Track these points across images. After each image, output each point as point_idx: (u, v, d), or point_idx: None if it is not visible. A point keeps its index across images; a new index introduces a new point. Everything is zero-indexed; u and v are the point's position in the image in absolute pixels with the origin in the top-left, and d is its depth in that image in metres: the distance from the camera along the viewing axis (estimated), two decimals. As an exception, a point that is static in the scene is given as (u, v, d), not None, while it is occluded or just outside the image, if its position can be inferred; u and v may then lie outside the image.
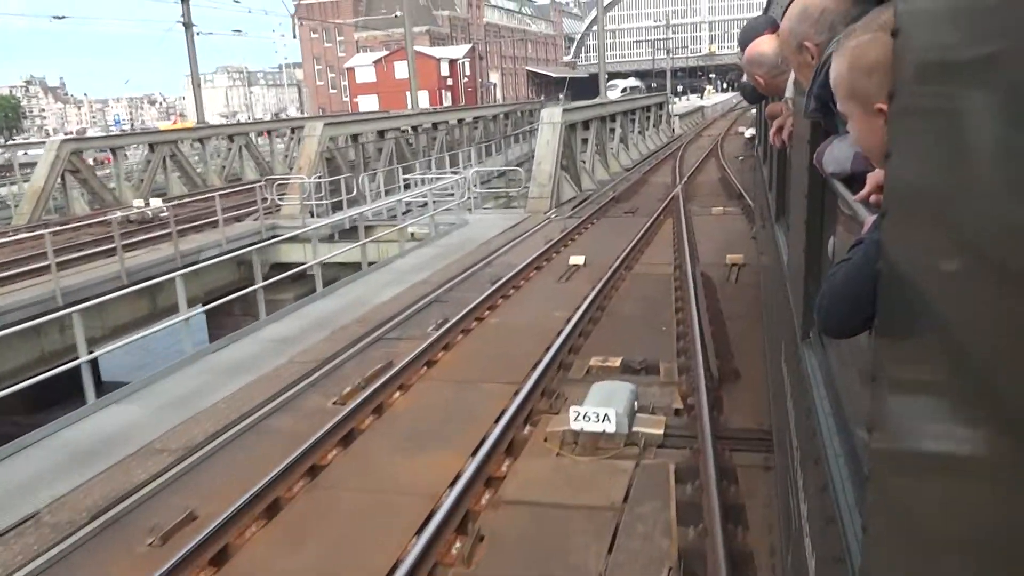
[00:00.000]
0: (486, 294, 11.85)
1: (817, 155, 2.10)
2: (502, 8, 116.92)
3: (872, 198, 1.56)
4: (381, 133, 27.73)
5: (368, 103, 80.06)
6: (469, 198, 20.92)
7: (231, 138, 34.21)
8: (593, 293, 11.44)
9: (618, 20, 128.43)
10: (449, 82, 78.44)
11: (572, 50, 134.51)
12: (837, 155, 1.96)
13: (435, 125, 32.61)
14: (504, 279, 12.78)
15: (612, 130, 30.31)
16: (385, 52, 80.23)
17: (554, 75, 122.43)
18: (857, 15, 1.75)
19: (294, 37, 64.18)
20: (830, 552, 1.79)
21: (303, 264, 15.70)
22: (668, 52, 78.64)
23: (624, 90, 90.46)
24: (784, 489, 3.46)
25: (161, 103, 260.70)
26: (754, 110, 61.42)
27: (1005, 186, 0.68)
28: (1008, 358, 0.67)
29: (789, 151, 3.53)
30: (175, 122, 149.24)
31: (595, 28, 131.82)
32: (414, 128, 30.95)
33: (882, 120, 1.34)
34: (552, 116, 21.62)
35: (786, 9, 2.40)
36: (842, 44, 1.53)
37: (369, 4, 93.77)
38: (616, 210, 20.24)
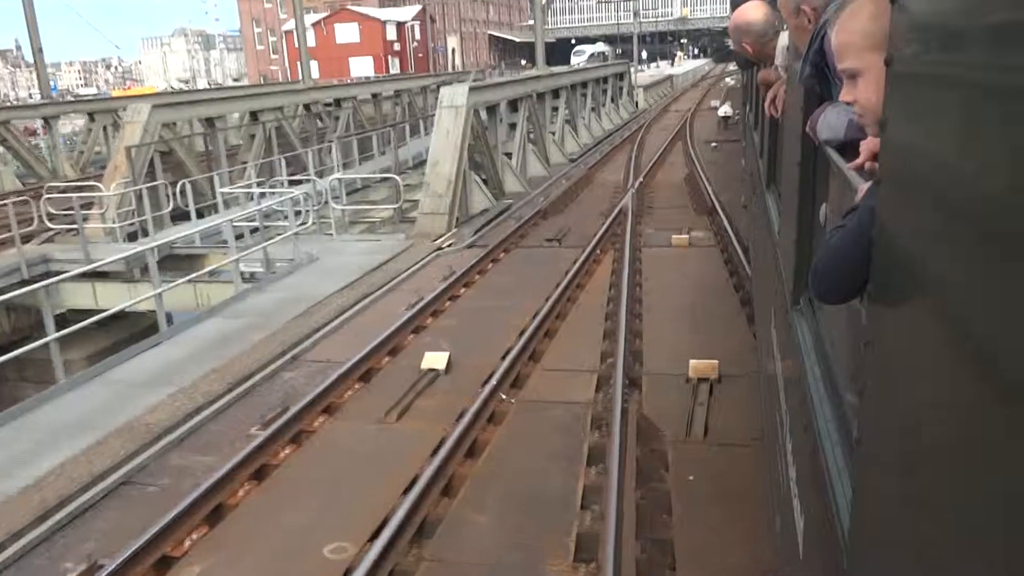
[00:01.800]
0: (229, 467, 6.03)
1: (811, 122, 2.05)
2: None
3: (867, 166, 1.54)
4: (254, 115, 21.48)
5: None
6: (312, 219, 14.82)
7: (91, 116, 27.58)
8: (430, 470, 5.72)
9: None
10: (397, 47, 71.42)
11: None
12: (831, 122, 1.93)
13: (338, 102, 26.31)
14: (289, 415, 6.96)
15: (555, 109, 24.27)
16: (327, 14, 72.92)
17: (518, 40, 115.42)
18: None
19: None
20: (819, 515, 1.83)
21: (97, 310, 10.30)
22: (635, 15, 72.10)
23: (591, 55, 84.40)
24: (772, 453, 3.42)
25: (116, 67, 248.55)
26: (729, 80, 54.44)
27: (1000, 156, 0.69)
28: (1001, 326, 0.68)
29: (781, 118, 3.37)
30: (128, 88, 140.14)
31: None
32: (307, 107, 24.66)
33: None
34: (454, 97, 15.58)
35: None
36: (844, 6, 1.53)
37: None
38: (538, 234, 14.33)
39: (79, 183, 17.95)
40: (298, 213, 13.65)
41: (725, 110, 29.40)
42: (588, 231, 13.77)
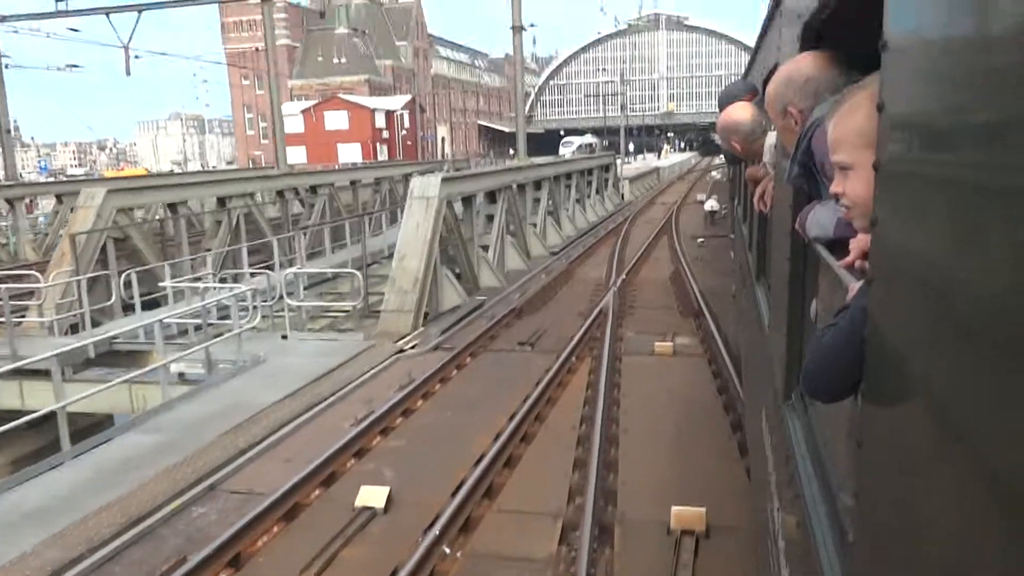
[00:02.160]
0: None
1: (800, 219, 2.12)
2: (452, 60, 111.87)
3: (856, 264, 1.56)
4: (222, 201, 20.59)
5: (296, 155, 73.03)
6: (265, 315, 13.68)
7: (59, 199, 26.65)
8: None
9: (575, 75, 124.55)
10: (386, 135, 71.87)
11: (527, 105, 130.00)
12: (820, 220, 1.96)
13: (314, 189, 25.57)
14: (183, 571, 5.67)
15: (537, 200, 23.56)
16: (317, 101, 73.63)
17: (507, 129, 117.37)
18: (843, 84, 1.82)
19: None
20: None
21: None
22: (622, 108, 73.16)
23: (579, 147, 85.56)
24: (764, 552, 3.25)
25: (111, 149, 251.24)
26: (715, 173, 55.24)
27: (992, 255, 0.71)
28: (995, 428, 0.69)
29: (769, 213, 3.41)
30: (122, 169, 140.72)
31: (551, 83, 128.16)
32: (280, 193, 23.86)
33: None
34: (425, 188, 14.71)
35: (770, 73, 2.63)
36: (841, 104, 1.56)
37: (305, 52, 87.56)
38: (511, 335, 13.22)
39: (17, 271, 16.80)
40: (253, 308, 12.50)
41: (711, 205, 28.88)
42: (565, 333, 12.69)
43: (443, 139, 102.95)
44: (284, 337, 12.84)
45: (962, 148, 0.80)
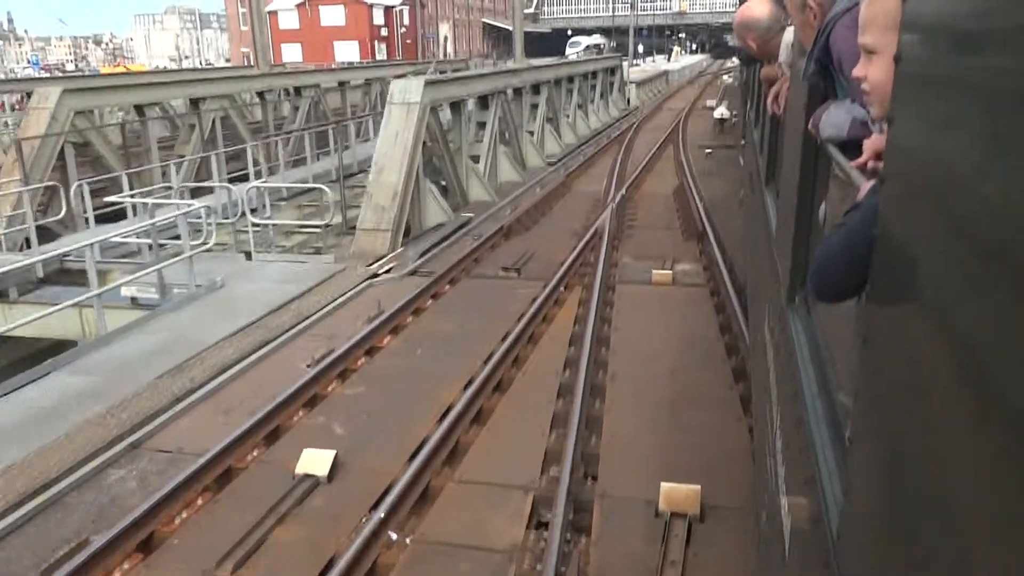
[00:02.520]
0: None
1: (813, 119, 2.05)
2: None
3: (870, 165, 1.54)
4: (195, 103, 19.13)
5: (291, 53, 70.06)
6: (228, 233, 12.54)
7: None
8: None
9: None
10: (384, 32, 68.74)
11: (534, 2, 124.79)
12: (834, 120, 1.91)
13: (297, 90, 23.95)
14: (82, 558, 4.79)
15: (535, 107, 21.99)
16: (312, -6, 70.15)
17: (511, 28, 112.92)
18: None
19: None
20: (808, 514, 1.83)
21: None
22: (632, 6, 69.63)
23: (587, 48, 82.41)
24: (761, 448, 3.37)
25: (108, 44, 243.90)
26: (726, 77, 53.99)
27: (1007, 162, 0.69)
28: (999, 331, 0.68)
29: (783, 115, 3.37)
30: (117, 65, 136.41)
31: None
32: (262, 95, 22.30)
33: None
34: (407, 92, 13.31)
35: None
36: None
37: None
38: (496, 258, 12.10)
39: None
40: (208, 227, 11.35)
41: (721, 112, 27.18)
42: (555, 257, 11.58)
43: (445, 38, 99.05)
44: (248, 258, 11.75)
45: (985, 51, 0.78)
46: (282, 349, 8.47)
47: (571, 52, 76.02)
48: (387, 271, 11.29)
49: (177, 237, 11.22)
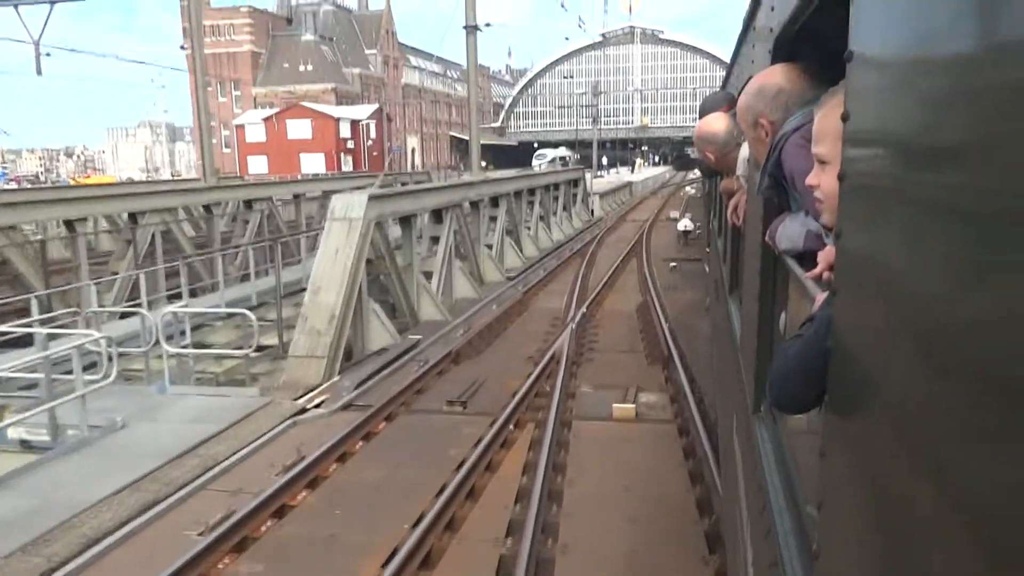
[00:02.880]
0: None
1: (770, 232, 2.11)
2: (424, 70, 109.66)
3: (824, 275, 1.57)
4: (133, 217, 18.12)
5: (258, 165, 70.29)
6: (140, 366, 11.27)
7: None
8: None
9: (548, 87, 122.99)
10: (350, 145, 69.34)
11: (501, 117, 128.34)
12: (790, 232, 1.96)
13: (248, 203, 23.12)
14: None
15: (494, 219, 21.33)
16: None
17: (480, 142, 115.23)
18: (813, 96, 1.80)
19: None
20: None
21: None
22: (594, 120, 71.33)
23: (552, 159, 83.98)
24: (733, 562, 3.39)
25: (79, 156, 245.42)
26: (689, 188, 54.63)
27: (950, 268, 0.73)
28: (957, 439, 0.69)
29: (742, 226, 3.45)
30: (88, 176, 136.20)
31: (525, 95, 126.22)
32: (208, 208, 21.39)
33: None
34: (349, 207, 12.43)
35: (744, 85, 2.47)
36: (830, 97, 1.53)
37: (270, 59, 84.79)
38: (442, 388, 10.92)
39: None
40: (109, 359, 10.05)
41: (685, 224, 26.81)
42: (507, 387, 10.45)
43: (413, 150, 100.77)
44: (162, 391, 10.44)
45: (924, 161, 0.82)
46: (173, 511, 7.11)
47: (537, 164, 77.21)
48: (317, 405, 10.04)
49: (89, 365, 9.97)
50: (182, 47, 75.73)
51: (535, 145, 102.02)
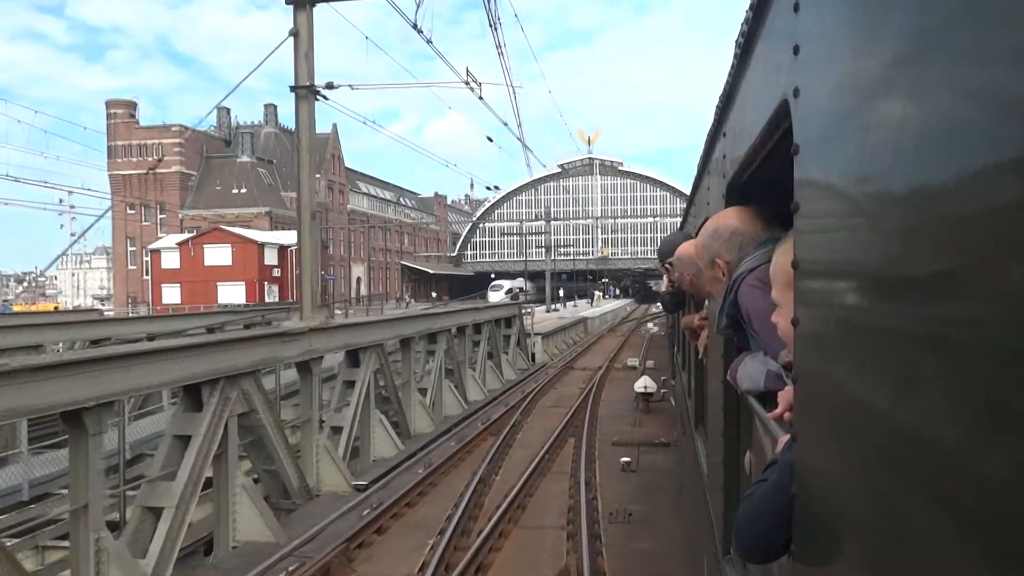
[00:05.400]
0: None
1: (731, 372, 2.13)
2: (374, 196, 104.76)
3: (786, 416, 1.54)
4: None
5: (171, 295, 62.63)
6: None
7: None
8: None
9: (507, 216, 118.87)
10: (276, 273, 62.18)
11: (458, 246, 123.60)
12: (750, 372, 1.97)
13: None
14: None
15: (351, 383, 13.74)
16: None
17: (432, 271, 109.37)
18: (765, 237, 1.93)
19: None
20: None
21: None
22: (547, 250, 65.36)
23: (509, 291, 77.93)
24: None
25: (31, 282, 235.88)
26: (651, 324, 46.51)
27: (907, 411, 0.75)
28: None
29: (705, 362, 3.53)
30: (34, 304, 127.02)
31: (483, 225, 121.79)
32: None
33: None
34: None
35: (701, 226, 2.57)
36: (783, 242, 1.57)
37: (202, 180, 78.67)
38: None
39: None
40: None
41: (645, 383, 19.40)
42: None
43: (359, 279, 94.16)
44: None
45: (872, 303, 0.86)
46: None
47: (493, 296, 70.81)
48: None
49: None
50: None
51: (492, 276, 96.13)
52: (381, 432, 14.73)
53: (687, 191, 6.91)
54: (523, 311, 30.66)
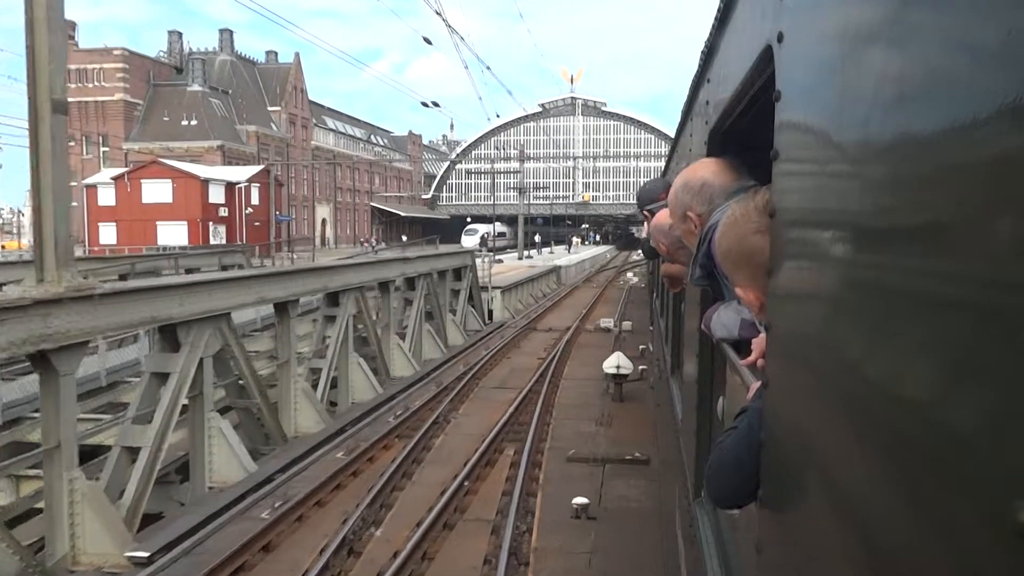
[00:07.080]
0: None
1: (705, 320, 2.14)
2: (343, 133, 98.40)
3: (759, 363, 1.55)
4: None
5: (108, 235, 57.03)
6: None
7: None
8: None
9: (485, 159, 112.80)
10: (224, 212, 56.65)
11: (432, 188, 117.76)
12: (724, 320, 1.98)
13: None
14: None
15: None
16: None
17: (403, 214, 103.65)
18: (736, 190, 1.87)
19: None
20: None
21: None
22: (520, 191, 60.16)
23: (486, 236, 72.59)
24: None
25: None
26: (630, 274, 44.98)
27: (880, 360, 0.75)
28: (892, 529, 0.70)
29: (682, 310, 3.46)
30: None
31: (459, 167, 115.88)
32: None
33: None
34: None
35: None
36: (722, 222, 1.60)
37: (148, 111, 72.14)
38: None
39: None
40: None
41: (618, 361, 14.67)
42: None
43: (324, 221, 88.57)
44: None
45: (848, 251, 0.84)
46: None
47: (467, 241, 65.47)
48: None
49: None
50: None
51: (468, 220, 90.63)
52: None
53: (672, 134, 6.78)
54: (475, 259, 25.70)
